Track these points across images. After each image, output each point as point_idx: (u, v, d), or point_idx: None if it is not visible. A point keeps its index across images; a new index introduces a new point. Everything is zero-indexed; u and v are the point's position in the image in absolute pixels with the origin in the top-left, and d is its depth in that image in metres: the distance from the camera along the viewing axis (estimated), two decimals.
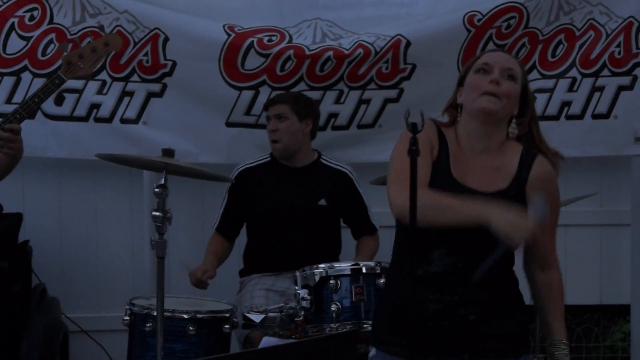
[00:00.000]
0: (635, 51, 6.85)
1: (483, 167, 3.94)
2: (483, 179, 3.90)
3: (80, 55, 5.51)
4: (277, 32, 6.77)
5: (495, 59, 3.99)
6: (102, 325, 7.14)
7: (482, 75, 3.91)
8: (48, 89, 5.49)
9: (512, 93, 3.92)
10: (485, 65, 3.93)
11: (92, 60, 5.59)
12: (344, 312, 5.26)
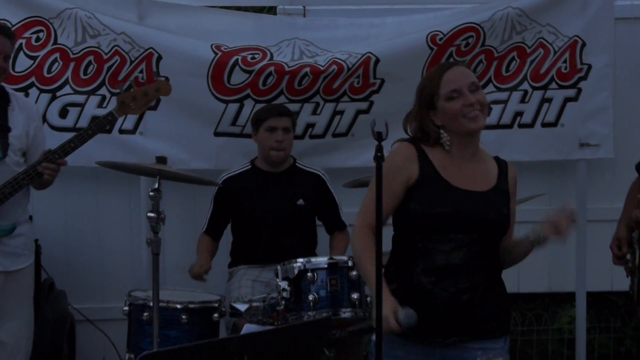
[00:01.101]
0: (579, 66, 6.92)
1: (475, 172, 4.02)
2: (478, 182, 3.98)
3: (133, 97, 5.68)
4: (259, 51, 6.80)
5: (457, 81, 3.96)
6: (105, 315, 7.16)
7: (455, 101, 3.92)
8: (101, 124, 5.72)
9: (483, 100, 3.98)
10: (453, 92, 3.92)
11: (142, 102, 5.77)
12: (321, 301, 5.29)
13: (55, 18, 6.72)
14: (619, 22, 6.99)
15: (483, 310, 3.89)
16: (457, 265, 3.88)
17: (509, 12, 6.84)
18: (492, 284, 3.95)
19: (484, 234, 3.92)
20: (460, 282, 3.87)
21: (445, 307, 3.86)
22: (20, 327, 5.85)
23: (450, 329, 3.88)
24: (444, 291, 3.87)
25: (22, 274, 5.79)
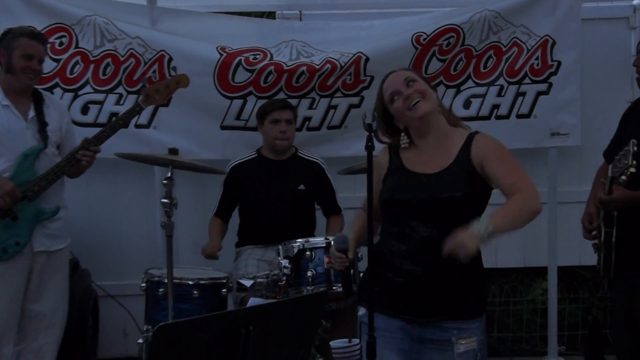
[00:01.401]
0: (550, 63, 6.92)
1: (433, 155, 3.95)
2: (432, 164, 3.91)
3: (157, 89, 5.85)
4: (260, 52, 6.80)
5: (392, 85, 4.00)
6: (124, 291, 7.19)
7: (397, 100, 3.93)
8: (131, 114, 5.93)
9: (422, 88, 3.94)
10: (392, 94, 3.96)
11: (165, 94, 5.93)
12: (318, 277, 5.32)
13: (77, 24, 6.72)
14: (585, 22, 6.99)
15: (456, 293, 3.85)
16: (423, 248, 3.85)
17: (486, 14, 6.83)
18: (464, 266, 3.72)
19: (442, 215, 3.84)
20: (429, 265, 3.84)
21: (420, 289, 3.85)
22: (58, 300, 5.99)
23: (426, 310, 3.86)
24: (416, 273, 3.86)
25: (60, 253, 5.94)
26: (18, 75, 5.51)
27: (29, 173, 5.55)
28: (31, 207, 5.59)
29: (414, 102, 3.87)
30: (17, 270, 5.63)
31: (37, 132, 5.72)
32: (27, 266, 5.74)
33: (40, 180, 5.56)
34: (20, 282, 5.71)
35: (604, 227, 5.09)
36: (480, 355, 3.84)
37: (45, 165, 5.66)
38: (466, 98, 7.02)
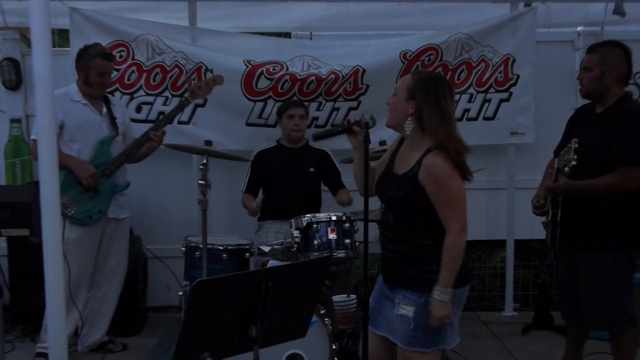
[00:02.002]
0: (511, 76, 6.93)
1: (404, 159, 3.92)
2: (402, 167, 3.90)
3: (199, 87, 6.03)
4: (278, 64, 6.80)
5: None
6: (168, 253, 7.21)
7: None
8: (181, 106, 6.12)
9: (391, 102, 3.93)
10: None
11: (205, 90, 6.10)
12: (323, 245, 5.36)
13: (133, 41, 6.75)
14: (539, 44, 6.98)
15: (402, 268, 3.86)
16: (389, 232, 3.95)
17: (460, 36, 6.83)
18: (417, 251, 3.82)
19: (397, 209, 3.91)
20: (390, 245, 3.94)
21: (384, 262, 3.97)
22: (121, 258, 6.27)
23: (387, 276, 3.95)
24: (385, 250, 3.99)
25: (124, 221, 6.27)
26: (94, 87, 5.82)
27: (106, 155, 5.88)
28: (108, 182, 5.90)
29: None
30: (94, 233, 5.90)
31: (110, 123, 6.00)
32: (101, 230, 6.01)
33: (114, 161, 5.90)
34: (95, 243, 5.99)
35: (551, 209, 5.11)
36: (414, 325, 3.77)
37: (116, 150, 5.99)
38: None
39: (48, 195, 3.58)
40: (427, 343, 3.79)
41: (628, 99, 5.01)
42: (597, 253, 4.96)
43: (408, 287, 3.83)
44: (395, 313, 3.84)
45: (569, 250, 5.17)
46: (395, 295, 3.88)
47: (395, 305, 3.84)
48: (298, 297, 3.22)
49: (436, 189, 3.72)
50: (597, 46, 5.05)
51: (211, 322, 2.90)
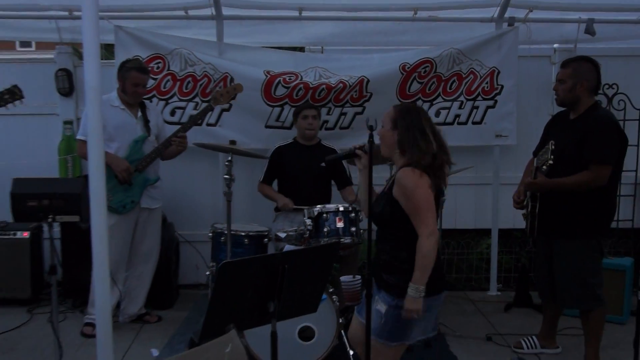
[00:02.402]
0: (496, 86, 6.93)
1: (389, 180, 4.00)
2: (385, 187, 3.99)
3: (222, 94, 6.07)
4: (294, 74, 6.82)
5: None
6: (197, 238, 7.20)
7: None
8: (205, 111, 6.21)
9: (380, 133, 3.94)
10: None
11: (227, 97, 6.17)
12: (331, 232, 5.35)
13: (169, 54, 6.79)
14: (520, 58, 6.97)
15: (382, 273, 3.91)
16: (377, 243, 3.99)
17: (452, 51, 6.84)
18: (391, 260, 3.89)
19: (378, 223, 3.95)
20: (378, 253, 3.98)
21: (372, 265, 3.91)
22: (153, 243, 6.33)
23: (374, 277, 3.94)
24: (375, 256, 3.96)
25: (156, 211, 6.29)
26: (129, 95, 5.87)
27: (139, 153, 5.92)
28: (141, 176, 5.94)
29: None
30: (129, 220, 5.97)
31: (143, 126, 6.02)
32: (135, 219, 6.05)
33: (146, 157, 5.94)
34: (130, 229, 6.05)
35: (530, 202, 5.15)
36: (384, 320, 3.83)
37: (149, 148, 6.01)
38: (437, 109, 7.00)
39: (96, 187, 3.61)
40: (392, 338, 3.86)
41: (597, 107, 5.05)
42: (570, 241, 5.02)
43: (386, 290, 3.88)
44: (374, 307, 3.89)
45: (545, 239, 5.23)
46: (377, 293, 3.94)
47: (375, 302, 3.90)
48: (310, 277, 3.23)
49: (405, 200, 3.77)
50: (570, 61, 5.10)
51: (235, 298, 2.92)
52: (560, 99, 5.10)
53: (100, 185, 3.62)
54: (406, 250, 3.80)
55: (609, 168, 4.83)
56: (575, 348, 5.49)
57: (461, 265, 7.68)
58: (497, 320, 6.44)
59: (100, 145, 3.64)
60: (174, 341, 5.87)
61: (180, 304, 7.00)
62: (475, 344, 5.77)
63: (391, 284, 3.84)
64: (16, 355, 5.55)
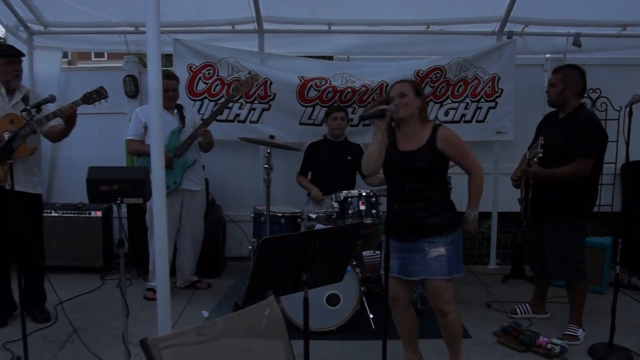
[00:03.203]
0: (497, 90, 6.90)
1: (410, 140, 3.97)
2: (412, 145, 3.95)
3: (242, 84, 6.11)
4: (324, 79, 6.82)
5: (394, 91, 3.98)
6: (241, 218, 7.28)
7: (392, 102, 3.93)
8: (227, 102, 6.16)
9: (406, 101, 3.91)
10: (391, 97, 3.95)
11: (246, 87, 6.16)
12: (355, 214, 5.36)
13: (218, 62, 6.83)
14: (518, 66, 6.92)
15: (426, 221, 3.90)
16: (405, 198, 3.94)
17: (459, 60, 6.82)
18: (435, 205, 3.92)
19: (415, 176, 3.92)
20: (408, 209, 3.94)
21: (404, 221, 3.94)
22: (197, 221, 6.32)
23: (408, 234, 3.95)
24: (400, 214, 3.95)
25: (198, 193, 6.23)
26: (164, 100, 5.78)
27: (176, 141, 5.95)
28: (180, 160, 5.95)
29: (397, 107, 3.88)
30: (175, 202, 5.96)
31: (179, 120, 6.05)
32: (179, 200, 6.06)
33: (183, 144, 5.98)
34: (176, 209, 6.05)
35: (524, 189, 5.16)
36: (447, 257, 3.89)
37: (185, 137, 6.00)
38: (446, 110, 6.98)
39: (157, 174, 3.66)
40: (457, 270, 3.97)
41: (583, 108, 5.04)
42: (558, 223, 5.03)
43: (436, 233, 3.90)
44: (428, 257, 3.91)
45: (537, 221, 5.24)
46: (421, 245, 3.93)
47: (427, 252, 3.91)
48: (337, 252, 3.24)
49: (454, 149, 3.92)
50: (560, 68, 5.10)
51: (273, 269, 2.94)
52: (551, 101, 5.09)
53: (160, 171, 3.67)
54: (441, 195, 3.97)
55: (592, 160, 4.83)
56: (561, 314, 5.47)
57: (465, 242, 7.60)
58: (495, 290, 6.42)
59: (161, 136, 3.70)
60: (222, 304, 5.93)
61: (226, 274, 7.04)
62: (476, 310, 5.77)
63: (439, 225, 3.90)
64: (92, 314, 5.62)
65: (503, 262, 7.49)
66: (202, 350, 2.22)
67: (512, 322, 5.09)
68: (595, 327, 5.16)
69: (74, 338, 4.98)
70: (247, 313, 2.41)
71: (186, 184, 6.06)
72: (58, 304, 5.20)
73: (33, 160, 5.24)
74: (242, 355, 2.37)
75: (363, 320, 5.21)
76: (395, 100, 3.94)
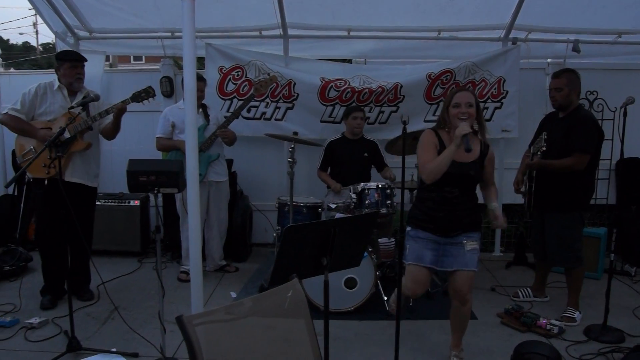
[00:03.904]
0: (502, 91, 6.84)
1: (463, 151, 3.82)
2: (465, 157, 3.87)
3: (261, 85, 6.02)
4: (343, 80, 6.79)
5: (461, 98, 3.87)
6: (266, 207, 7.25)
7: (456, 108, 3.85)
8: (247, 100, 6.11)
9: (472, 113, 3.84)
10: (456, 103, 3.86)
11: (266, 88, 6.13)
12: (371, 204, 5.38)
13: (246, 65, 6.82)
14: (522, 70, 6.86)
15: (465, 219, 3.93)
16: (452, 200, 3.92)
17: (468, 64, 6.78)
18: (470, 208, 3.96)
19: (465, 184, 3.92)
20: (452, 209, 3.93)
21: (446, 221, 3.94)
22: (222, 210, 6.34)
23: (450, 231, 3.94)
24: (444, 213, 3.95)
25: (222, 184, 6.24)
26: None
27: (201, 137, 5.90)
28: (205, 155, 5.94)
29: (463, 117, 3.82)
30: (202, 193, 5.81)
31: (204, 118, 6.03)
32: (206, 190, 6.07)
33: (207, 140, 5.97)
34: (203, 199, 6.00)
35: (528, 182, 5.15)
36: (478, 251, 3.98)
37: (209, 133, 6.00)
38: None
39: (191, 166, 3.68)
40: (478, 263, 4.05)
41: (581, 108, 5.05)
42: (558, 213, 5.03)
43: (468, 230, 3.96)
44: (466, 250, 3.95)
45: (539, 212, 5.23)
46: (459, 239, 3.96)
47: (464, 245, 3.95)
48: (354, 239, 3.24)
49: (492, 167, 4.11)
50: (561, 72, 5.07)
51: (296, 254, 2.94)
52: (558, 103, 5.04)
53: (195, 163, 3.69)
54: (474, 201, 4.04)
55: (588, 156, 4.83)
56: (560, 297, 5.45)
57: None
58: (499, 275, 6.40)
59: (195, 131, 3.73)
60: (248, 286, 5.95)
61: (252, 258, 7.06)
62: (482, 293, 5.74)
63: (472, 223, 3.97)
64: (130, 294, 5.67)
65: (507, 249, 7.44)
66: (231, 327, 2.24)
67: (515, 305, 5.07)
68: (591, 310, 5.12)
69: (114, 315, 5.04)
70: (272, 294, 2.43)
71: (211, 176, 6.09)
72: (100, 284, 5.24)
73: (91, 155, 5.32)
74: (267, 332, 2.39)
75: (378, 302, 5.22)
76: (462, 108, 3.86)
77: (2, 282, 5.97)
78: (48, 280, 5.33)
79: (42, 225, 5.24)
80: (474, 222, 3.99)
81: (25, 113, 5.05)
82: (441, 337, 4.58)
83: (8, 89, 7.47)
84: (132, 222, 6.99)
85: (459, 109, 3.84)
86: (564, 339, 4.59)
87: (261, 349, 2.35)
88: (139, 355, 4.26)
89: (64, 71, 5.13)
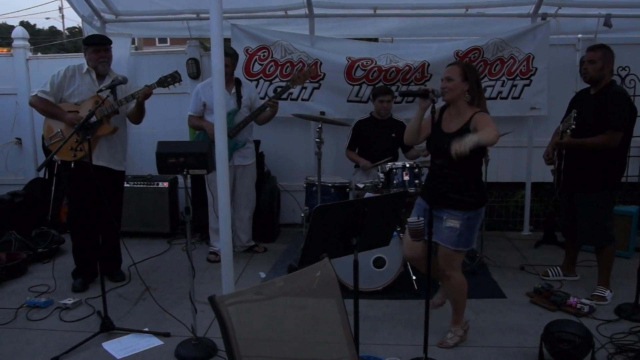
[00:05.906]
0: (531, 68, 6.72)
1: (454, 121, 3.96)
2: (451, 127, 3.95)
3: (298, 77, 5.90)
4: (370, 60, 6.74)
5: (444, 73, 3.99)
6: (294, 188, 7.33)
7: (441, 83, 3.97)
8: (286, 89, 6.04)
9: (450, 86, 3.91)
10: (441, 79, 3.99)
11: (302, 79, 5.99)
12: (399, 184, 5.38)
13: (272, 45, 6.81)
14: (551, 46, 6.75)
15: (450, 194, 3.93)
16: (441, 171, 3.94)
17: (496, 41, 6.68)
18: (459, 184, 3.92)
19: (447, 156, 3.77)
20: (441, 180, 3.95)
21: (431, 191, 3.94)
22: (249, 191, 6.36)
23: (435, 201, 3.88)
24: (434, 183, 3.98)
25: (249, 167, 6.23)
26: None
27: (230, 123, 5.80)
28: (232, 141, 5.86)
29: (443, 90, 3.92)
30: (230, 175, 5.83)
31: (236, 101, 5.96)
32: (233, 173, 6.05)
33: (236, 126, 5.94)
34: (231, 181, 5.95)
35: (557, 160, 5.10)
36: (459, 232, 3.92)
37: (240, 119, 5.96)
38: (484, 87, 6.71)
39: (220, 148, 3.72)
40: (467, 244, 3.99)
41: (613, 84, 4.95)
42: (588, 192, 4.98)
43: (453, 206, 3.94)
44: (444, 225, 3.95)
45: (569, 190, 5.17)
46: (441, 213, 3.96)
47: (444, 220, 3.95)
48: (384, 218, 3.25)
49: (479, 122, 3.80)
50: (597, 46, 4.98)
51: (326, 234, 2.96)
52: (589, 76, 4.94)
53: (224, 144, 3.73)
54: (468, 175, 3.94)
55: (621, 133, 4.75)
56: (590, 276, 5.42)
57: (501, 210, 7.59)
58: (528, 254, 6.38)
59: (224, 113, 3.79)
60: (277, 266, 6.00)
61: (281, 239, 7.11)
62: (511, 272, 5.73)
63: (459, 200, 3.92)
64: (160, 275, 5.76)
65: (536, 228, 7.39)
66: (261, 307, 2.27)
67: (544, 284, 5.05)
68: (622, 288, 5.09)
69: (146, 296, 5.12)
70: (301, 274, 2.44)
71: (238, 161, 6.09)
72: (131, 265, 5.32)
73: (117, 139, 5.37)
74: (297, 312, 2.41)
75: (406, 281, 5.24)
76: (443, 83, 3.95)
77: (36, 263, 6.09)
78: (79, 263, 5.43)
79: (73, 208, 5.33)
80: (462, 201, 3.93)
81: (54, 94, 5.12)
82: (469, 316, 4.58)
83: (37, 74, 7.58)
84: (161, 203, 7.07)
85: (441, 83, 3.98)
86: (594, 318, 4.57)
87: (292, 329, 2.37)
88: (171, 335, 4.34)
89: (89, 55, 5.19)
